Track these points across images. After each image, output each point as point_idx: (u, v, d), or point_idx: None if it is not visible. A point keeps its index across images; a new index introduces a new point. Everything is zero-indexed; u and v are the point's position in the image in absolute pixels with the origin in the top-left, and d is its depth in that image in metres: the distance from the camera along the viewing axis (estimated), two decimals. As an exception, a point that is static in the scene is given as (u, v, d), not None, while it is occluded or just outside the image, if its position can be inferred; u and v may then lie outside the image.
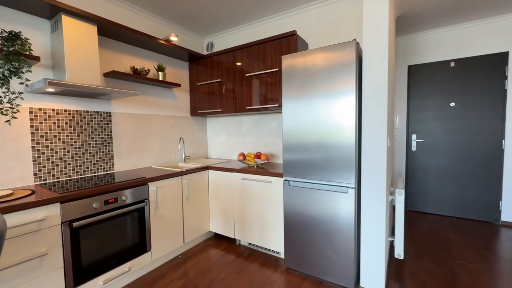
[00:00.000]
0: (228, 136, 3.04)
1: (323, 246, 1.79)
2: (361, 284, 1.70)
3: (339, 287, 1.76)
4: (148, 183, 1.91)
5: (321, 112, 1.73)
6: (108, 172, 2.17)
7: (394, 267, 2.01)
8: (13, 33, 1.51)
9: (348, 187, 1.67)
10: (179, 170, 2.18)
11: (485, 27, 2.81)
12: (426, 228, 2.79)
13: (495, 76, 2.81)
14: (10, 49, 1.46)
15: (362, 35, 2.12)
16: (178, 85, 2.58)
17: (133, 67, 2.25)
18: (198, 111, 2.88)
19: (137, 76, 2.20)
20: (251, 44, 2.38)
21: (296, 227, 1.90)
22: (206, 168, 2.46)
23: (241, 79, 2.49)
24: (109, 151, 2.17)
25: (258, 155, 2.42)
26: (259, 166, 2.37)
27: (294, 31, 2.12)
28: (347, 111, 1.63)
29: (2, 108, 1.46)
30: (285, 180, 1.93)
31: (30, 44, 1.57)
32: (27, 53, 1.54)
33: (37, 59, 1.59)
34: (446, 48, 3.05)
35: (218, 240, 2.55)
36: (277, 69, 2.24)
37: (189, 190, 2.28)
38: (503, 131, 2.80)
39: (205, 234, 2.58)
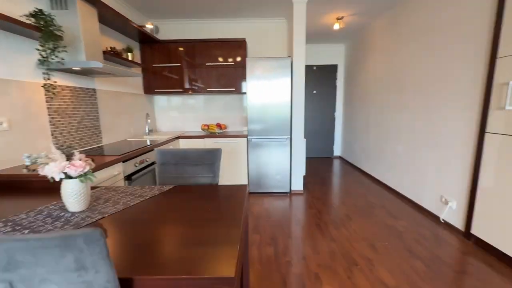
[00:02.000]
0: (179, 112, 3.61)
1: (273, 173, 3.13)
2: (292, 188, 3.21)
3: (281, 193, 3.19)
4: (155, 149, 2.41)
5: (272, 97, 2.95)
6: (100, 145, 2.35)
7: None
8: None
9: (286, 138, 3.05)
10: (161, 140, 2.71)
11: (329, 49, 4.98)
12: (305, 164, 4.83)
13: (333, 77, 5.11)
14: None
15: (289, 44, 3.45)
16: (141, 64, 2.88)
17: (113, 47, 2.42)
18: (155, 90, 3.25)
19: (117, 55, 2.41)
20: (211, 40, 3.12)
21: (256, 166, 3.11)
22: (178, 137, 3.06)
23: (200, 66, 3.19)
24: (98, 125, 2.34)
25: (218, 125, 3.31)
26: (219, 133, 3.29)
27: (244, 38, 3.12)
28: (285, 94, 2.95)
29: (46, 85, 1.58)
30: (249, 138, 3.05)
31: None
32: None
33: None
34: (312, 58, 5.05)
35: (190, 192, 3.29)
36: (233, 63, 3.16)
37: (172, 155, 2.86)
38: (334, 107, 5.21)
39: (179, 190, 3.22)
